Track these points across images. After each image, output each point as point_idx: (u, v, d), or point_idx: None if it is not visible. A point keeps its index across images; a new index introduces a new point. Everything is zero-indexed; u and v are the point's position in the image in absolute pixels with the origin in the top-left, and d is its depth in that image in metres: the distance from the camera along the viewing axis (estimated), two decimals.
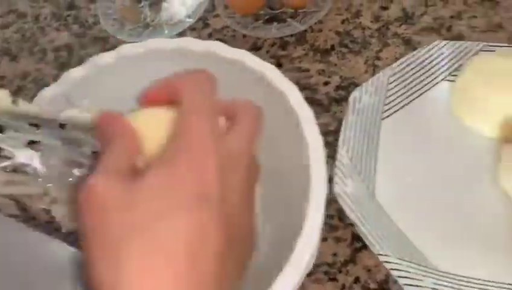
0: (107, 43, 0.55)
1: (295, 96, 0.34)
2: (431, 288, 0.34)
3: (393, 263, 0.34)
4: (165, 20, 0.55)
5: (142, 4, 0.57)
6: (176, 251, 0.20)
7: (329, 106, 0.47)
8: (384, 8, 0.53)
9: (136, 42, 0.37)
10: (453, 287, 0.34)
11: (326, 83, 0.49)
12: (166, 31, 0.53)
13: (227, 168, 0.23)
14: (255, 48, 0.52)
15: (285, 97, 0.34)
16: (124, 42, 0.38)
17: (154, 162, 0.22)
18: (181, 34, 0.53)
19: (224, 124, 0.25)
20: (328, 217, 0.41)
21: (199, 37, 0.54)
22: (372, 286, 0.38)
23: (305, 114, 0.33)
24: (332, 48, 0.51)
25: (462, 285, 0.34)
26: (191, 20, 0.53)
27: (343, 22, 0.52)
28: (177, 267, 0.20)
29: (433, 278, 0.34)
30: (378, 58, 0.49)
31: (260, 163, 0.27)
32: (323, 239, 0.40)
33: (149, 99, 0.25)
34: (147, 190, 0.21)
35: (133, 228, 0.20)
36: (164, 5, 0.56)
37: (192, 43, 0.37)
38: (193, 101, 0.24)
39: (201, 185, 0.22)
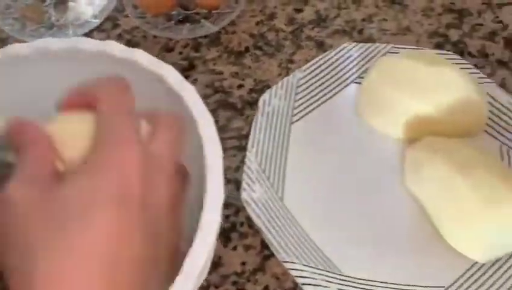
0: (5, 44, 0.51)
1: (193, 98, 0.32)
2: None
3: (298, 270, 0.33)
4: (71, 21, 0.52)
5: (46, 3, 0.53)
6: (90, 251, 0.20)
7: (242, 110, 0.46)
8: (299, 11, 0.52)
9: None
10: None
11: (240, 86, 0.47)
12: (71, 32, 0.50)
13: (151, 170, 0.22)
14: (167, 49, 0.50)
15: (182, 99, 0.32)
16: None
17: (75, 165, 0.22)
18: (87, 35, 0.50)
19: (145, 129, 0.24)
20: (238, 224, 0.40)
21: (108, 38, 0.51)
22: None
23: (204, 118, 0.31)
24: (247, 50, 0.50)
25: (367, 289, 0.34)
26: (97, 21, 0.51)
27: (257, 23, 0.51)
28: (90, 268, 0.20)
29: (338, 283, 0.33)
30: (291, 61, 0.48)
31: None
32: (233, 248, 0.39)
33: (67, 105, 0.25)
34: (66, 194, 0.21)
35: (48, 230, 0.20)
36: (71, 4, 0.53)
37: (84, 43, 0.35)
38: (114, 104, 0.24)
39: (122, 185, 0.21)
